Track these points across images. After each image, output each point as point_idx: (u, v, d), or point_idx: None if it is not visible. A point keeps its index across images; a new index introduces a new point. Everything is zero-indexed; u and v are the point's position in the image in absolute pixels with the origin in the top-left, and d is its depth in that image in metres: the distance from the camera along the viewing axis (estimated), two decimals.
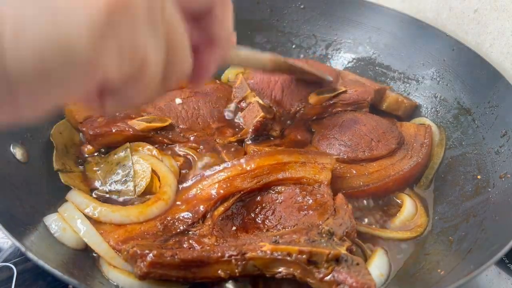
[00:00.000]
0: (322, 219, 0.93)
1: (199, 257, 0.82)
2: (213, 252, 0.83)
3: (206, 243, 0.87)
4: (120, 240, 0.91)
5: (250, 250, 0.82)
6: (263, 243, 0.83)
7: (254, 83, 1.32)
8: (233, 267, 0.82)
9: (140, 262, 0.81)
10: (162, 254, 0.81)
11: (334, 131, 1.20)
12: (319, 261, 0.79)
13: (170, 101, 1.25)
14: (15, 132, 1.02)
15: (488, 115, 1.16)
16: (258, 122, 1.17)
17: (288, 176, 1.01)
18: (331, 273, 0.78)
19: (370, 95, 1.27)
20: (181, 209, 0.97)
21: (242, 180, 0.99)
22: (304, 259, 0.79)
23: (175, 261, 0.81)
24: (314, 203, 0.97)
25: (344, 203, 0.96)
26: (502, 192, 1.00)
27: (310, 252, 0.79)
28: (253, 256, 0.82)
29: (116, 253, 0.90)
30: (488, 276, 1.07)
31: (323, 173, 1.01)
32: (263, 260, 0.82)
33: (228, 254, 0.82)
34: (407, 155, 1.17)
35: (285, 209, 0.97)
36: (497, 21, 1.26)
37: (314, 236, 0.85)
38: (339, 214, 0.93)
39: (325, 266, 0.79)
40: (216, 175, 1.01)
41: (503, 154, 1.07)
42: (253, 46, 1.56)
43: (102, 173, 1.08)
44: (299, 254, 0.80)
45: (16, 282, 0.94)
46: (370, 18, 1.47)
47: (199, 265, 0.83)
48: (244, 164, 1.01)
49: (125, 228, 0.94)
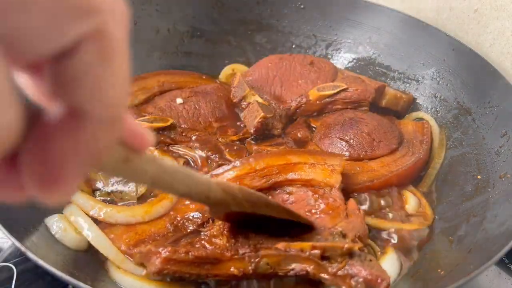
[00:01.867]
0: (334, 223, 0.92)
1: (213, 254, 0.82)
2: (227, 249, 0.83)
3: (218, 243, 0.87)
4: (131, 244, 0.91)
5: (263, 247, 0.82)
6: (275, 241, 0.83)
7: (252, 80, 1.33)
8: (246, 265, 0.82)
9: (154, 259, 0.82)
10: (177, 250, 0.82)
11: (336, 130, 1.20)
12: (333, 256, 0.79)
13: (171, 101, 1.25)
14: None
15: (488, 115, 1.16)
16: (258, 123, 1.17)
17: (297, 177, 1.01)
18: (345, 266, 0.78)
19: (371, 94, 1.27)
20: (191, 209, 0.97)
21: (251, 179, 0.99)
22: (318, 255, 0.79)
23: (189, 258, 0.81)
24: (326, 207, 0.96)
25: (356, 208, 0.96)
26: (502, 192, 1.00)
27: (323, 247, 0.79)
28: (267, 253, 0.82)
29: (126, 257, 0.90)
30: (488, 276, 1.07)
31: (334, 176, 1.01)
32: (277, 257, 0.82)
33: (242, 251, 0.82)
34: (408, 152, 1.18)
35: (296, 210, 0.97)
36: (497, 21, 1.26)
37: (327, 236, 0.85)
38: (351, 218, 0.93)
39: (338, 261, 0.79)
40: (225, 174, 1.01)
41: (503, 154, 1.07)
42: (253, 46, 1.58)
43: (104, 174, 1.08)
44: (312, 250, 0.79)
45: (16, 282, 0.94)
46: (370, 18, 1.47)
47: (213, 262, 0.83)
48: (253, 163, 1.01)
49: (135, 231, 0.93)
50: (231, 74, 1.49)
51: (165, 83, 1.32)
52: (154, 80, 1.31)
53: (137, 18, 1.38)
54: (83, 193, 1.01)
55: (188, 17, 1.48)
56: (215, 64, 1.52)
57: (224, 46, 1.54)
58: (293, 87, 1.32)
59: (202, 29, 1.51)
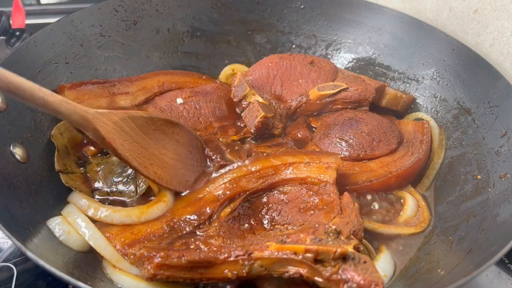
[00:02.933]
0: (329, 218, 0.92)
1: (206, 258, 0.82)
2: (220, 252, 0.82)
3: (213, 244, 0.87)
4: (127, 244, 0.91)
5: (256, 250, 0.82)
6: (270, 243, 0.83)
7: (253, 80, 1.33)
8: (240, 268, 0.82)
9: (147, 264, 0.81)
10: (169, 255, 0.81)
11: (336, 130, 1.20)
12: (326, 259, 0.79)
13: (171, 101, 1.25)
14: (15, 132, 1.02)
15: (488, 115, 1.16)
16: (259, 123, 1.17)
17: (293, 176, 1.01)
18: (338, 271, 0.78)
19: (371, 94, 1.27)
20: (187, 211, 0.97)
21: (248, 180, 1.00)
22: (311, 258, 0.79)
23: (182, 263, 0.81)
24: (320, 202, 0.97)
25: (350, 201, 0.96)
26: (502, 192, 1.00)
27: (316, 251, 0.79)
28: (260, 256, 0.81)
29: (122, 256, 0.90)
30: (488, 276, 1.07)
31: (328, 172, 1.01)
32: (270, 260, 0.82)
33: (235, 254, 0.82)
34: (408, 152, 1.18)
35: (291, 209, 0.97)
36: (497, 21, 1.26)
37: (321, 235, 0.84)
38: (346, 213, 0.92)
39: (332, 264, 0.79)
40: (222, 177, 1.02)
41: (503, 154, 1.07)
42: (253, 46, 1.58)
43: (103, 174, 1.08)
44: (305, 253, 0.79)
45: (16, 282, 0.94)
46: (370, 18, 1.47)
47: (206, 266, 0.82)
48: (249, 165, 1.02)
49: (131, 231, 0.94)
50: (231, 74, 1.49)
51: (165, 83, 1.32)
52: (154, 80, 1.32)
53: (137, 18, 1.38)
54: (80, 193, 1.01)
55: (188, 17, 1.48)
56: (215, 64, 1.52)
57: (224, 46, 1.54)
58: (294, 86, 1.32)
59: (202, 29, 1.51)
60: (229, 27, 1.53)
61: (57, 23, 1.21)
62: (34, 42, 1.14)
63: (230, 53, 1.54)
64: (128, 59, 1.37)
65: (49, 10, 1.83)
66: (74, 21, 1.25)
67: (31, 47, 1.13)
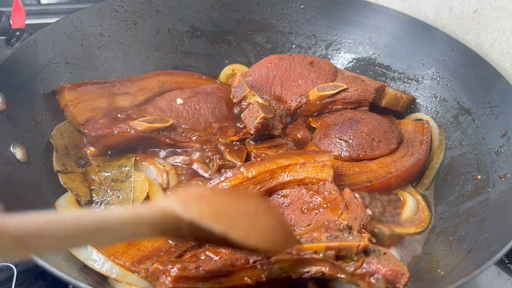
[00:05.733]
0: (337, 214, 0.91)
1: (224, 266, 0.79)
2: (237, 259, 0.80)
3: (223, 252, 0.84)
4: (136, 261, 0.88)
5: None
6: None
7: (252, 80, 1.33)
8: (259, 273, 0.80)
9: (164, 278, 0.78)
10: (186, 267, 0.78)
11: (335, 130, 1.20)
12: (348, 255, 0.79)
13: (171, 101, 1.25)
14: (15, 132, 1.02)
15: (488, 115, 1.16)
16: (259, 124, 1.17)
17: (290, 178, 1.00)
18: (362, 265, 0.78)
19: (371, 94, 1.27)
20: None
21: (246, 188, 0.99)
22: (333, 255, 0.78)
23: (200, 273, 0.78)
24: (323, 201, 0.96)
25: (353, 196, 0.96)
26: (502, 192, 1.00)
27: (338, 247, 0.78)
28: (279, 258, 0.80)
29: (128, 272, 0.88)
30: (488, 276, 1.07)
31: (325, 170, 1.00)
32: (290, 261, 0.80)
33: (253, 259, 0.80)
34: (408, 152, 1.18)
35: (294, 211, 0.96)
36: (497, 21, 1.26)
37: (335, 231, 0.83)
38: (352, 208, 0.92)
39: (354, 259, 0.78)
40: (219, 186, 1.00)
41: (503, 154, 1.07)
42: (253, 46, 1.58)
43: (103, 174, 1.08)
44: (326, 251, 0.79)
45: (16, 282, 0.94)
46: (370, 18, 1.47)
47: (225, 275, 0.80)
48: (245, 172, 1.00)
49: (137, 247, 0.91)
50: (231, 74, 1.49)
51: (165, 83, 1.32)
52: (154, 80, 1.32)
53: (137, 18, 1.38)
54: (69, 201, 1.00)
55: (188, 17, 1.48)
56: (215, 64, 1.52)
57: (224, 46, 1.54)
58: (293, 87, 1.32)
59: (202, 29, 1.51)
60: (229, 27, 1.53)
61: (57, 23, 1.21)
62: (34, 42, 1.14)
63: (230, 53, 1.54)
64: (128, 59, 1.37)
65: (49, 10, 1.83)
66: (74, 21, 1.25)
67: (31, 47, 1.13)
